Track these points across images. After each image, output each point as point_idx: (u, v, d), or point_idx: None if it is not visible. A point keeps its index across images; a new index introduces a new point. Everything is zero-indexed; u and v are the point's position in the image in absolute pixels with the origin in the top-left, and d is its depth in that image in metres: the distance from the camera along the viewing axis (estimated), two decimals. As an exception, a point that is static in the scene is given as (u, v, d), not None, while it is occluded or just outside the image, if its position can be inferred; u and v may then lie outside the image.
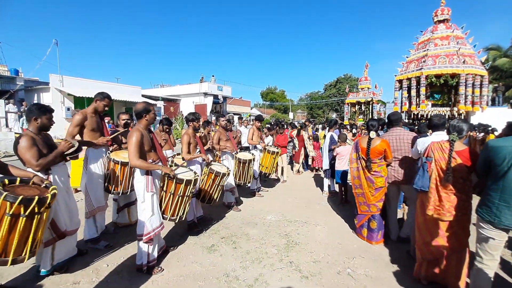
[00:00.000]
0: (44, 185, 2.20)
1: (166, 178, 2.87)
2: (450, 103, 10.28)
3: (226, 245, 3.44)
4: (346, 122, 14.56)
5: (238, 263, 3.01)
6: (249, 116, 22.36)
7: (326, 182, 5.83)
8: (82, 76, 19.18)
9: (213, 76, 24.67)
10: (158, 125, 4.72)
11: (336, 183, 5.27)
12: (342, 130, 7.16)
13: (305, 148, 7.86)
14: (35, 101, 14.50)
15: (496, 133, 7.33)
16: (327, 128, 6.41)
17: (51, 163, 2.53)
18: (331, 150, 5.54)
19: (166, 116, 8.92)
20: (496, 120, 12.27)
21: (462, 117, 9.58)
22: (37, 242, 2.04)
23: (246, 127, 7.94)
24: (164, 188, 2.90)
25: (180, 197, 2.94)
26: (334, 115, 36.82)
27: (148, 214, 2.70)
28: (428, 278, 2.62)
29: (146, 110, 2.74)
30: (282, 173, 7.16)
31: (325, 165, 5.78)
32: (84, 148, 3.20)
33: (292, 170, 8.29)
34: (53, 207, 2.42)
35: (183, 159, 3.81)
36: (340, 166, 5.03)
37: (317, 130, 10.08)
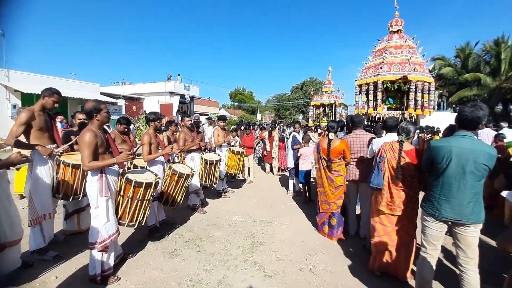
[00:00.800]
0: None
1: (123, 182, 2.71)
2: (402, 107, 11.18)
3: (189, 248, 3.35)
4: (311, 123, 15.10)
5: (201, 267, 2.94)
6: (216, 116, 22.10)
7: (291, 181, 5.98)
8: (31, 71, 17.35)
9: (179, 75, 23.96)
10: (116, 124, 4.44)
11: (300, 182, 5.43)
12: (307, 131, 7.40)
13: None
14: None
15: (441, 135, 8.15)
16: (291, 128, 6.58)
17: None
18: (294, 150, 5.71)
19: (125, 115, 8.46)
20: (442, 123, 13.61)
21: (413, 120, 10.50)
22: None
23: (213, 127, 7.85)
24: (121, 192, 2.72)
25: (139, 201, 2.78)
26: (300, 117, 38.02)
27: (103, 220, 2.51)
28: (381, 270, 2.81)
29: (96, 109, 2.54)
30: (248, 174, 7.19)
31: (290, 163, 5.95)
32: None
33: (265, 170, 8.37)
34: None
35: (146, 161, 3.62)
36: (303, 166, 5.19)
37: (283, 131, 10.30)
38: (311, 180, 5.29)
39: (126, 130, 4.09)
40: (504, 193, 2.85)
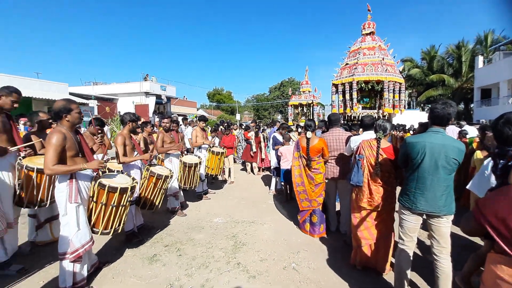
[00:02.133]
0: None
1: (96, 187, 2.54)
2: (376, 106, 11.64)
3: (169, 253, 3.23)
4: (290, 123, 15.29)
5: (183, 271, 2.85)
6: (195, 117, 21.74)
7: (274, 180, 5.99)
8: (-12, 69, 16.02)
9: (153, 76, 23.21)
10: (88, 126, 4.18)
11: (282, 181, 5.46)
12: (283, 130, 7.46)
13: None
14: None
15: (412, 132, 8.64)
16: (271, 127, 6.60)
17: None
18: (275, 150, 5.74)
19: (97, 116, 8.04)
20: (412, 121, 14.35)
21: (386, 118, 10.97)
22: None
23: (192, 127, 7.67)
24: (94, 199, 2.55)
25: (114, 208, 2.62)
26: (279, 117, 38.41)
27: (73, 229, 2.34)
28: (362, 263, 2.89)
29: (66, 109, 2.36)
30: (229, 175, 7.11)
31: (273, 163, 5.97)
32: None
33: (246, 170, 8.31)
34: None
35: (121, 163, 3.44)
36: (284, 165, 5.22)
37: (263, 130, 10.32)
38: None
39: (100, 131, 3.85)
40: (468, 186, 3.05)
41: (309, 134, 3.58)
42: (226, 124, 8.54)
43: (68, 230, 2.35)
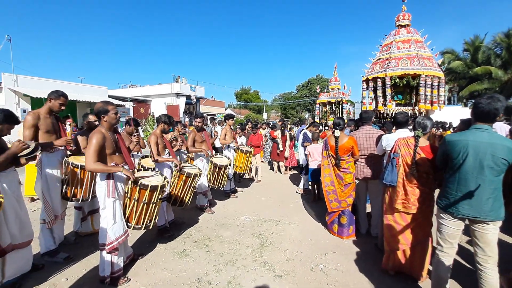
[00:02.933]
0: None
1: (130, 183, 2.69)
2: (412, 102, 10.96)
3: (198, 249, 3.33)
4: (317, 121, 14.97)
5: (210, 267, 2.92)
6: (223, 116, 22.18)
7: (302, 179, 5.91)
8: (40, 75, 17.74)
9: (183, 78, 24.06)
10: (124, 126, 4.46)
11: (310, 180, 5.36)
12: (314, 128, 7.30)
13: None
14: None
15: (452, 130, 7.99)
16: (299, 126, 6.52)
17: (1, 166, 2.28)
18: (304, 147, 5.66)
19: (131, 117, 8.51)
20: (452, 118, 13.28)
21: (425, 115, 10.26)
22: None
23: (221, 126, 7.84)
24: (128, 194, 2.71)
25: (145, 204, 2.75)
26: (307, 115, 37.76)
27: (110, 222, 2.51)
28: (395, 269, 2.73)
29: (104, 111, 2.54)
30: (256, 173, 7.15)
31: (302, 161, 5.90)
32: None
33: (272, 169, 8.31)
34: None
35: (155, 161, 3.62)
36: (312, 164, 5.12)
37: (290, 129, 10.21)
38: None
39: (135, 131, 4.10)
40: None
41: (337, 132, 3.47)
42: (253, 123, 8.56)
43: (106, 223, 2.52)
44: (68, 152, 3.19)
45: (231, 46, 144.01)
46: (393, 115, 10.44)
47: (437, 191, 2.41)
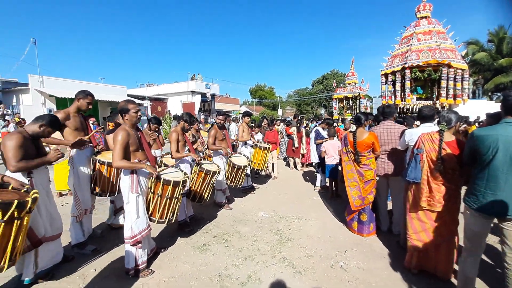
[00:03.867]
0: (24, 189, 2.09)
1: (153, 179, 2.79)
2: (433, 96, 10.54)
3: (218, 243, 3.40)
4: (335, 117, 14.71)
5: (230, 262, 2.97)
6: (239, 113, 22.24)
7: (319, 176, 5.86)
8: (63, 76, 18.55)
9: (199, 74, 24.35)
10: (145, 124, 4.60)
11: (326, 177, 5.31)
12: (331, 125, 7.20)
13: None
14: (14, 103, 13.90)
15: (477, 125, 7.61)
16: (315, 123, 6.45)
17: (33, 168, 2.42)
18: (317, 144, 5.61)
19: (154, 115, 8.73)
20: (477, 112, 12.66)
21: (450, 109, 9.83)
22: (17, 250, 1.93)
23: (236, 124, 7.90)
24: (152, 190, 2.81)
25: (168, 199, 2.85)
26: (322, 111, 37.24)
27: (133, 216, 2.61)
28: (418, 267, 2.67)
29: (125, 110, 2.64)
30: (272, 170, 7.16)
31: (314, 159, 5.85)
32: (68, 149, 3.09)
33: (289, 166, 8.30)
34: (33, 213, 2.30)
35: (173, 158, 3.72)
36: (329, 160, 5.07)
37: (306, 126, 10.11)
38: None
39: (157, 129, 4.24)
40: None
41: (353, 127, 3.42)
42: (269, 120, 8.55)
43: (129, 217, 2.62)
44: (96, 150, 3.34)
45: (245, 44, 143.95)
46: (414, 109, 10.11)
47: (463, 188, 2.33)
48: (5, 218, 1.77)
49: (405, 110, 10.54)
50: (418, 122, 3.41)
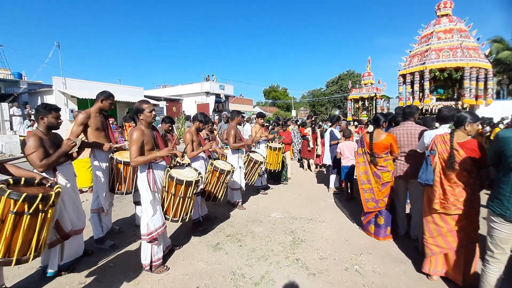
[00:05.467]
0: (49, 184, 2.19)
1: (167, 178, 2.84)
2: (454, 97, 10.17)
3: (231, 243, 3.42)
4: (349, 118, 14.46)
5: (244, 261, 2.99)
6: (253, 114, 22.31)
7: (332, 178, 5.78)
8: (84, 78, 19.33)
9: (213, 75, 24.63)
10: (160, 124, 4.71)
11: (342, 179, 5.23)
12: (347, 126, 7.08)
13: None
14: (39, 104, 14.58)
15: (502, 126, 7.24)
16: (329, 124, 6.36)
17: (55, 163, 2.53)
18: (331, 146, 5.53)
19: (168, 115, 8.91)
20: (502, 113, 12.10)
21: (467, 110, 9.45)
22: (42, 242, 2.03)
23: (250, 124, 7.93)
24: (166, 189, 2.87)
25: (181, 199, 2.89)
26: (337, 112, 36.68)
27: (150, 213, 2.68)
28: (437, 273, 2.58)
29: (139, 110, 2.69)
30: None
31: (327, 160, 5.79)
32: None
33: (302, 167, 8.25)
34: (58, 207, 2.41)
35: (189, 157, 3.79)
36: (344, 162, 4.99)
37: (319, 126, 9.99)
38: (354, 176, 5.06)
39: (170, 128, 4.33)
40: None
41: (370, 128, 3.35)
42: (283, 120, 8.52)
43: (146, 215, 2.69)
44: (117, 146, 3.45)
45: (260, 45, 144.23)
46: (434, 110, 9.77)
47: (483, 193, 2.23)
48: (30, 211, 1.87)
49: (423, 111, 10.23)
50: (437, 124, 3.30)
